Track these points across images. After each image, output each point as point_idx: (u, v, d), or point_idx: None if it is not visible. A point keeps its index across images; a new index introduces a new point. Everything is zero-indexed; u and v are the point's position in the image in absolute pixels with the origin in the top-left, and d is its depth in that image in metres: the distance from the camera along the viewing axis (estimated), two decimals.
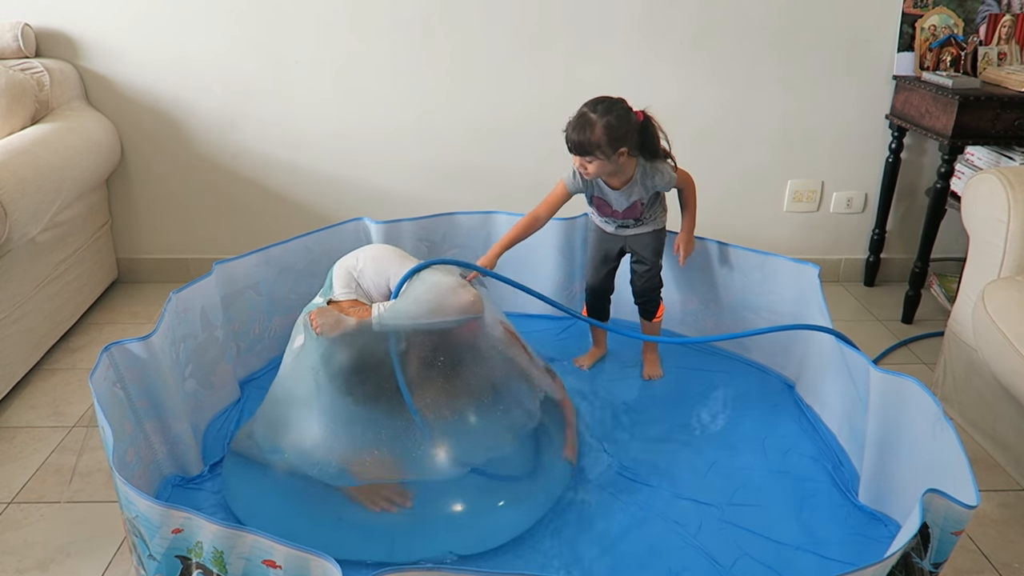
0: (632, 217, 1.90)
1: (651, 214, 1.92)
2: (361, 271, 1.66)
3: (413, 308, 1.56)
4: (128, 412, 1.51)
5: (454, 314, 1.56)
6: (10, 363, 1.98)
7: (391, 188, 2.67)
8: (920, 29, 2.51)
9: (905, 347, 2.36)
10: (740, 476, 1.68)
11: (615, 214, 1.90)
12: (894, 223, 2.76)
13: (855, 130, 2.65)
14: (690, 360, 2.13)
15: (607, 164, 1.75)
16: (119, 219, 2.68)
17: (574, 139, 1.72)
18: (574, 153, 1.75)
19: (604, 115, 1.71)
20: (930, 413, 1.37)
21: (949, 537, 1.20)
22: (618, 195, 1.86)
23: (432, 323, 1.55)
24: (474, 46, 2.52)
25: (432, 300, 1.56)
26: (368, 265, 1.67)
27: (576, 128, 1.72)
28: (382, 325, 1.54)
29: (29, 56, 2.38)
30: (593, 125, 1.70)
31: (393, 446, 1.50)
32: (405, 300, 1.58)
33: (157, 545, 1.18)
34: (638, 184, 1.84)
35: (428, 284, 1.58)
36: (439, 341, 1.56)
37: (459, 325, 1.57)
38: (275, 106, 2.56)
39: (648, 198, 1.87)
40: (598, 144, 1.71)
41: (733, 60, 2.53)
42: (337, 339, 1.52)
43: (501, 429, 1.57)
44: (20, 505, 1.66)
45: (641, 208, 1.88)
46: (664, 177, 1.84)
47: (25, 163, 2.00)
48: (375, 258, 1.68)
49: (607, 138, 1.71)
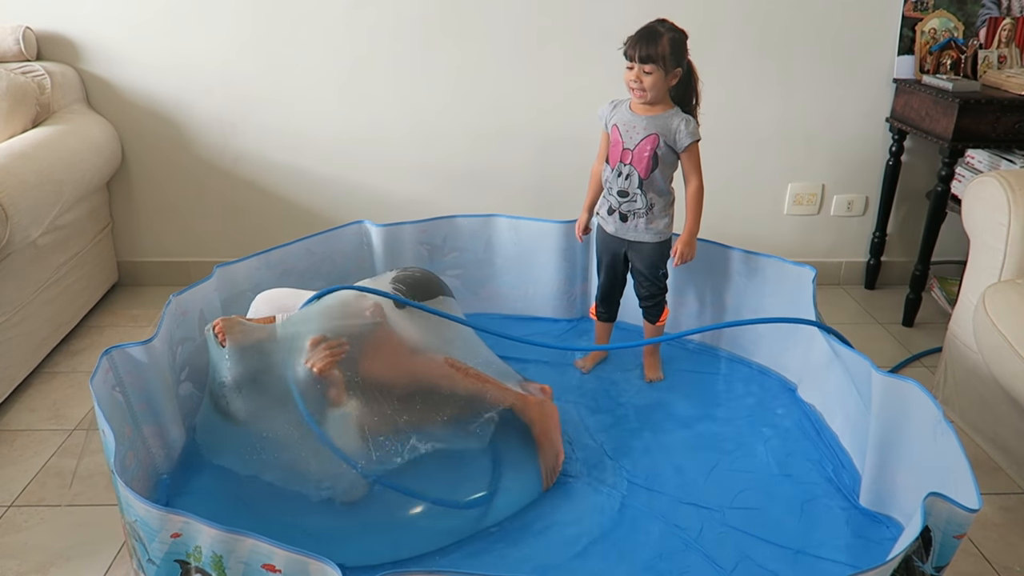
0: (637, 167, 1.85)
1: (653, 196, 1.87)
2: (256, 312, 1.67)
3: (316, 312, 1.59)
4: (127, 416, 1.51)
5: (356, 318, 1.59)
6: (10, 366, 1.98)
7: (392, 191, 2.67)
8: (920, 32, 2.51)
9: (905, 349, 2.36)
10: (741, 479, 1.68)
11: (622, 155, 1.87)
12: (895, 226, 2.76)
13: (855, 133, 2.65)
14: (691, 363, 2.13)
15: (662, 81, 1.79)
16: (120, 222, 2.68)
17: (641, 48, 1.76)
18: (638, 62, 1.77)
19: (671, 31, 1.78)
20: (931, 416, 1.37)
21: (951, 540, 1.20)
22: (637, 122, 1.85)
23: (336, 325, 1.56)
24: (475, 50, 2.52)
25: (336, 307, 1.60)
26: (262, 306, 1.69)
27: (642, 37, 1.77)
28: (286, 329, 1.54)
29: (30, 59, 2.38)
30: (660, 35, 1.76)
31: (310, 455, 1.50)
32: (309, 308, 1.61)
33: (156, 549, 1.18)
34: (663, 120, 1.83)
35: (330, 296, 1.63)
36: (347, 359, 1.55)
37: (362, 329, 1.59)
38: (276, 110, 2.56)
39: (662, 149, 1.83)
40: (662, 55, 1.76)
41: (734, 63, 2.54)
42: (239, 350, 1.51)
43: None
44: (20, 508, 1.66)
45: (648, 159, 1.84)
46: (689, 127, 1.82)
47: (26, 166, 2.00)
48: (268, 299, 1.72)
49: (671, 50, 1.76)
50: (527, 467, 1.63)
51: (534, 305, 2.35)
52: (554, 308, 2.35)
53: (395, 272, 1.80)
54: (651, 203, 1.89)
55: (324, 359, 1.49)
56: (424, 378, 1.59)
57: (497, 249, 2.30)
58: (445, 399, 1.59)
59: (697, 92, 1.89)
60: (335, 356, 1.51)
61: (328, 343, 1.52)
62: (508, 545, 1.50)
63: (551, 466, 1.64)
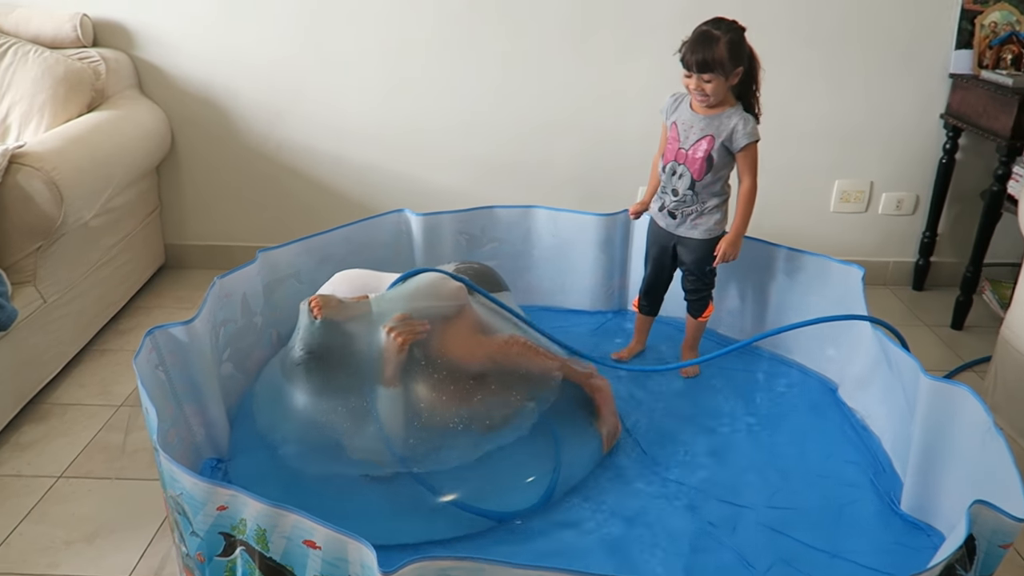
0: (690, 168, 1.83)
1: (706, 196, 1.85)
2: (335, 292, 1.70)
3: (408, 292, 1.65)
4: (169, 394, 1.54)
5: (445, 299, 1.64)
6: (62, 343, 2.05)
7: (433, 181, 2.68)
8: (980, 26, 2.43)
9: (953, 353, 2.30)
10: (778, 478, 1.66)
11: (676, 155, 1.85)
12: (945, 226, 2.69)
13: (907, 129, 2.58)
14: (729, 359, 2.10)
15: (723, 84, 1.75)
16: (168, 206, 2.74)
17: (697, 55, 1.72)
18: (696, 71, 1.73)
19: (727, 31, 1.73)
20: (980, 423, 1.34)
21: (996, 550, 1.17)
22: (695, 122, 1.82)
23: (425, 306, 1.61)
24: (520, 42, 2.51)
25: (425, 287, 1.65)
26: (341, 285, 1.74)
27: (698, 44, 1.72)
28: (380, 307, 1.59)
29: (87, 46, 2.45)
30: (717, 40, 1.71)
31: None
32: (398, 289, 1.67)
33: (201, 522, 1.21)
34: (721, 120, 1.80)
35: (418, 277, 1.69)
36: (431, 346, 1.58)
37: (449, 311, 1.64)
38: (321, 98, 2.59)
39: (717, 151, 1.80)
40: (720, 61, 1.72)
41: (783, 55, 2.48)
42: (329, 324, 1.56)
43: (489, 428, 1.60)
44: (69, 480, 1.71)
45: (702, 162, 1.81)
46: (747, 127, 1.78)
47: (81, 150, 2.06)
48: (346, 278, 1.77)
49: (729, 53, 1.72)
50: (588, 435, 1.70)
51: (571, 297, 2.35)
52: (591, 301, 2.34)
53: (455, 265, 1.83)
54: (703, 203, 1.87)
55: (406, 333, 1.53)
56: (499, 357, 1.63)
57: (535, 241, 2.29)
58: (519, 377, 1.63)
59: (757, 80, 1.84)
60: (416, 335, 1.54)
61: (412, 321, 1.56)
62: (535, 536, 1.50)
63: (611, 431, 1.71)
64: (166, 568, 1.48)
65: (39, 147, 1.95)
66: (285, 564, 1.17)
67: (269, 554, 1.17)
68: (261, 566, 1.18)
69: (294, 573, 1.17)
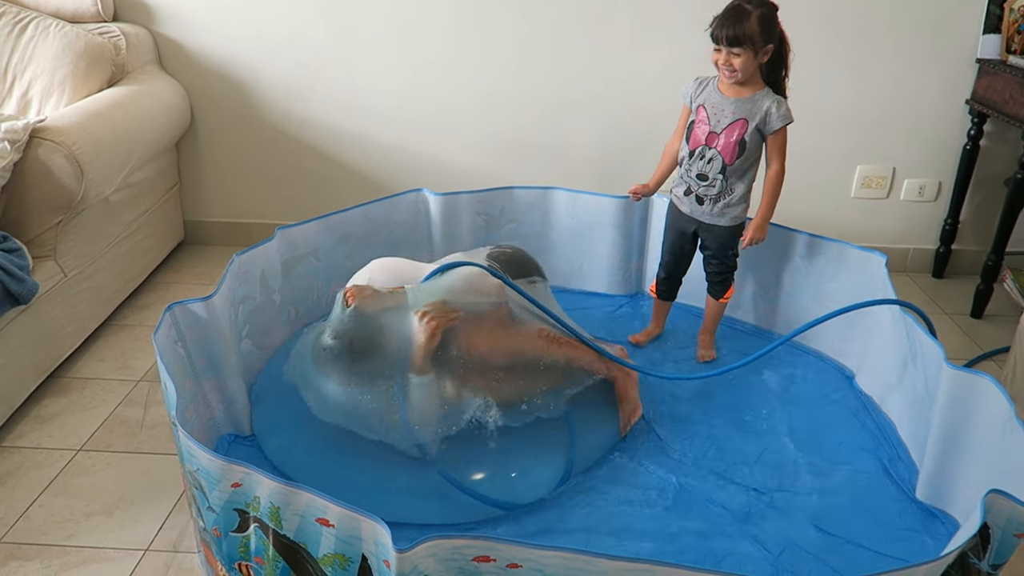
0: (723, 152, 1.80)
1: (734, 182, 1.83)
2: (371, 280, 1.70)
3: (445, 285, 1.62)
4: (188, 370, 1.56)
5: (482, 296, 1.62)
6: (82, 317, 2.07)
7: (453, 161, 2.68)
8: (1009, 10, 2.38)
9: (972, 342, 2.28)
10: (792, 464, 1.65)
11: (708, 139, 1.82)
12: (968, 213, 2.65)
13: (932, 115, 2.54)
14: (745, 344, 2.09)
15: (752, 61, 1.72)
16: (187, 182, 2.75)
17: (728, 29, 1.69)
18: (726, 45, 1.71)
19: (758, 6, 1.70)
20: (1002, 412, 1.33)
21: (1011, 539, 1.16)
22: (726, 105, 1.79)
23: (462, 302, 1.59)
24: (540, 22, 2.49)
25: (462, 282, 1.63)
26: (378, 273, 1.73)
27: (730, 18, 1.70)
28: (416, 298, 1.58)
29: (107, 20, 2.45)
30: (748, 15, 1.68)
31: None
32: (436, 281, 1.65)
33: (216, 498, 1.22)
34: (752, 103, 1.78)
35: (456, 271, 1.67)
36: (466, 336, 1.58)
37: (487, 308, 1.63)
38: (341, 76, 2.59)
39: (750, 135, 1.78)
40: (751, 36, 1.69)
41: (805, 38, 2.41)
42: (361, 314, 1.55)
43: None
44: (89, 453, 1.74)
45: (735, 146, 1.79)
46: (780, 109, 1.77)
47: (101, 125, 2.07)
48: (383, 266, 1.76)
49: (760, 28, 1.69)
50: (606, 418, 1.71)
51: (589, 280, 2.34)
52: (609, 284, 2.33)
53: (489, 249, 1.82)
54: (731, 189, 1.85)
55: (440, 318, 1.53)
56: (526, 354, 1.63)
57: (554, 222, 2.29)
58: (546, 369, 1.64)
59: (787, 64, 1.81)
60: (450, 321, 1.54)
61: (445, 308, 1.55)
62: (547, 517, 1.51)
63: (629, 416, 1.72)
64: (184, 541, 1.51)
65: (60, 121, 1.96)
66: (298, 541, 1.18)
67: (283, 531, 1.18)
68: (275, 543, 1.20)
69: (307, 550, 1.18)
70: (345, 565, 1.14)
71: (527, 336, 1.65)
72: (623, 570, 1.03)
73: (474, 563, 1.06)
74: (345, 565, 1.14)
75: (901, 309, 1.68)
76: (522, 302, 1.69)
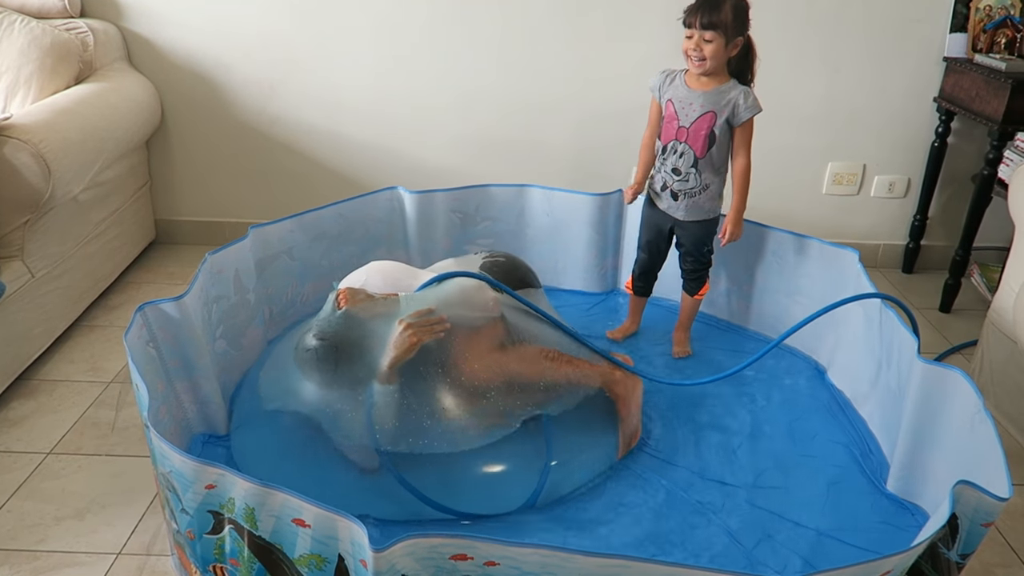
0: (693, 146, 1.82)
1: (709, 176, 1.85)
2: (366, 283, 1.65)
3: (440, 296, 1.58)
4: (160, 370, 1.54)
5: (476, 310, 1.58)
6: (51, 318, 2.03)
7: (427, 159, 2.67)
8: (975, 9, 2.42)
9: (941, 336, 2.32)
10: (766, 459, 1.67)
11: (677, 133, 1.83)
12: (936, 209, 2.70)
13: (901, 112, 2.58)
14: (720, 341, 2.12)
15: (723, 50, 1.75)
16: (158, 181, 2.71)
17: (704, 15, 1.72)
18: (699, 28, 1.73)
19: None
20: (971, 405, 1.35)
21: (978, 529, 1.18)
22: (694, 98, 1.81)
23: (456, 314, 1.54)
24: (515, 19, 2.49)
25: (458, 294, 1.59)
26: (374, 276, 1.67)
27: (704, 3, 1.73)
28: (408, 307, 1.53)
29: (74, 16, 2.41)
30: (723, 2, 1.72)
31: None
32: (430, 291, 1.61)
33: (190, 500, 1.21)
34: (719, 95, 1.79)
35: (452, 281, 1.62)
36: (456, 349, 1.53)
37: (480, 323, 1.58)
38: (314, 73, 2.56)
39: (719, 127, 1.80)
40: (725, 22, 1.72)
41: (776, 37, 2.47)
42: (350, 317, 1.51)
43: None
44: (59, 456, 1.71)
45: (705, 138, 1.80)
46: (748, 100, 1.79)
47: (69, 122, 2.04)
48: (380, 270, 1.71)
49: (733, 17, 1.73)
50: (606, 436, 1.64)
51: (565, 277, 2.35)
52: (585, 281, 2.34)
53: (483, 258, 1.79)
54: (706, 184, 1.87)
55: (421, 332, 1.48)
56: (524, 377, 1.56)
57: (530, 220, 2.29)
58: (544, 389, 1.57)
59: (753, 70, 1.84)
60: (433, 335, 1.49)
61: (431, 318, 1.50)
62: (525, 516, 1.51)
63: (628, 437, 1.67)
64: (157, 544, 1.49)
65: (26, 119, 1.92)
66: (274, 542, 1.17)
67: (258, 532, 1.17)
68: (250, 544, 1.19)
69: (283, 551, 1.17)
70: (321, 565, 1.14)
71: (525, 358, 1.59)
72: (599, 566, 1.04)
73: (451, 561, 1.06)
74: (321, 565, 1.14)
75: (883, 303, 1.70)
76: (520, 320, 1.64)
